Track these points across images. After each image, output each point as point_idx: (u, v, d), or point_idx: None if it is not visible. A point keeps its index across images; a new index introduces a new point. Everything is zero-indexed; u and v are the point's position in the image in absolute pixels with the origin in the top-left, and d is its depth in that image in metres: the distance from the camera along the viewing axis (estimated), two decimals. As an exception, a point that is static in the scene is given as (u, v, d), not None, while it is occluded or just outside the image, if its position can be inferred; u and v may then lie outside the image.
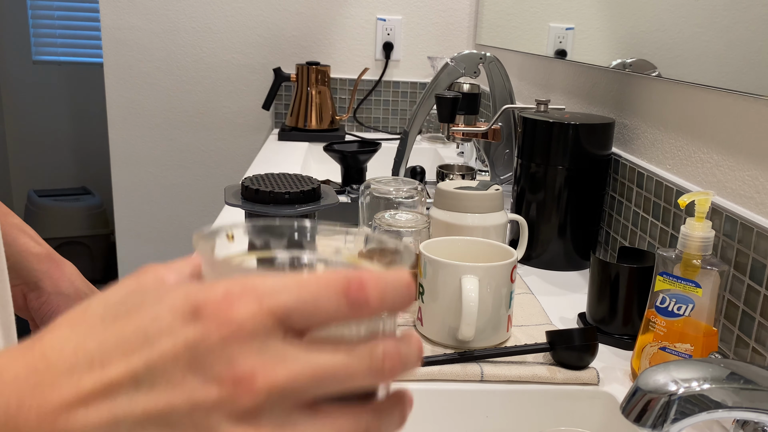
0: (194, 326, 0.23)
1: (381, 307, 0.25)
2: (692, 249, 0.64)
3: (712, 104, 0.80)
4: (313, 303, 0.24)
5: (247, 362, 0.23)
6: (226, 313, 0.23)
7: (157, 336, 0.23)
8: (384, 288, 0.25)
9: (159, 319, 0.24)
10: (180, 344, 0.23)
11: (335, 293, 0.24)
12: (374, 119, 2.20)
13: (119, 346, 0.24)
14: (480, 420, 0.70)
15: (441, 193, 0.93)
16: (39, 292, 0.58)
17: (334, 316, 0.24)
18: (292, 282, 0.24)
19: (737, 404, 0.43)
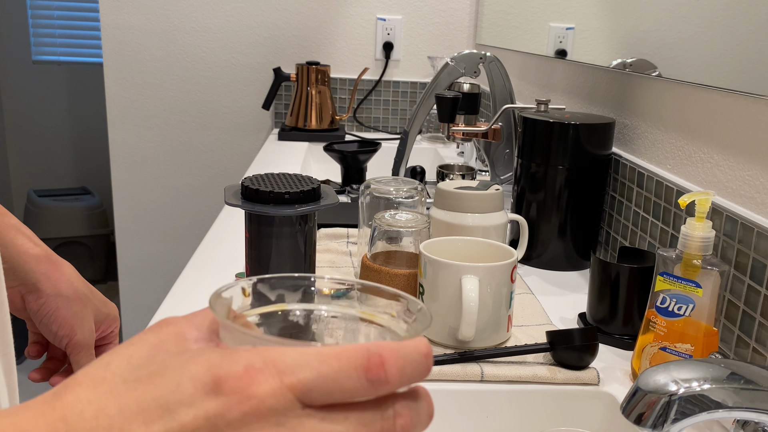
0: (215, 400, 0.24)
1: (400, 383, 0.25)
2: (692, 249, 0.64)
3: (712, 104, 0.80)
4: (333, 380, 0.24)
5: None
6: (246, 389, 0.24)
7: (178, 407, 0.24)
8: (404, 362, 0.25)
9: (180, 389, 0.24)
10: (201, 417, 0.24)
11: (355, 370, 0.24)
12: (374, 119, 2.20)
13: (140, 414, 0.24)
14: (480, 420, 0.70)
15: (441, 193, 0.93)
16: (38, 293, 0.58)
17: (353, 393, 0.24)
18: (312, 357, 0.24)
19: (737, 404, 0.43)
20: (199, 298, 0.87)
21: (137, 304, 2.31)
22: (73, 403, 0.24)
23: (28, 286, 0.57)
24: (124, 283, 2.30)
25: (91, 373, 0.26)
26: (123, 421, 0.24)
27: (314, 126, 2.00)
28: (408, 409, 0.26)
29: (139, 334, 0.28)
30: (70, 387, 0.25)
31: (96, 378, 0.25)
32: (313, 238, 0.76)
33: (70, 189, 3.60)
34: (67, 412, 0.24)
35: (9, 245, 0.56)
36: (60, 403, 0.25)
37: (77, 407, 0.24)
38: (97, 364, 0.26)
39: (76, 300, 0.59)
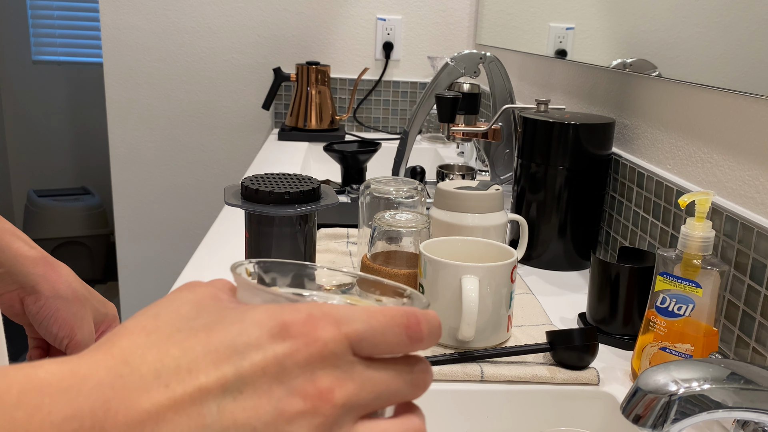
0: (283, 342, 0.25)
1: (429, 342, 0.28)
2: (692, 249, 0.64)
3: (712, 104, 0.80)
4: (381, 333, 0.27)
5: (327, 378, 0.25)
6: (311, 333, 0.25)
7: (246, 349, 0.25)
8: (430, 326, 0.28)
9: (246, 333, 0.25)
10: (270, 357, 0.25)
11: (398, 326, 0.27)
12: (374, 119, 2.20)
13: (207, 354, 0.25)
14: (480, 420, 0.70)
15: (441, 193, 0.93)
16: (36, 296, 0.58)
17: (395, 347, 0.27)
18: (362, 312, 0.27)
19: (737, 404, 0.43)
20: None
21: (137, 304, 2.31)
22: (131, 348, 0.25)
23: (27, 288, 0.57)
24: (124, 283, 2.30)
25: (141, 322, 0.26)
26: (190, 361, 0.24)
27: (314, 126, 2.00)
28: (428, 368, 0.29)
29: (173, 293, 0.28)
30: (122, 335, 0.26)
31: (148, 327, 0.26)
32: (313, 238, 0.76)
33: (70, 189, 3.60)
34: (128, 356, 0.24)
35: (5, 249, 0.56)
36: (116, 349, 0.25)
37: (137, 352, 0.25)
38: (144, 315, 0.27)
39: (74, 301, 0.59)
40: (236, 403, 0.24)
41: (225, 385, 0.24)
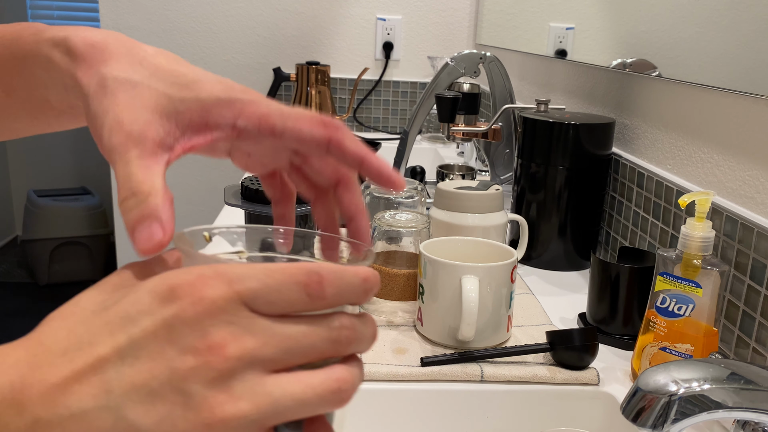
0: (171, 304, 0.26)
1: (337, 301, 0.28)
2: (692, 249, 0.64)
3: (712, 104, 0.80)
4: (277, 291, 0.27)
5: (218, 333, 0.26)
6: (198, 292, 0.26)
7: (138, 316, 0.26)
8: (340, 283, 0.28)
9: (139, 301, 0.27)
10: (158, 321, 0.26)
11: (296, 284, 0.27)
12: (374, 119, 2.20)
13: (105, 326, 0.27)
14: (480, 420, 0.70)
15: (441, 193, 0.93)
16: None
17: (294, 305, 0.27)
18: (259, 271, 0.27)
19: (737, 404, 0.43)
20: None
21: (137, 304, 2.31)
22: (47, 331, 0.28)
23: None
24: (124, 283, 2.30)
25: (61, 310, 0.29)
26: (91, 335, 0.27)
27: (314, 126, 2.00)
28: (352, 324, 0.28)
29: (103, 279, 0.30)
30: (44, 323, 0.28)
31: (65, 313, 0.28)
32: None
33: (70, 189, 3.60)
34: (42, 337, 0.27)
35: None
36: (35, 333, 0.28)
37: (50, 333, 0.27)
38: (67, 304, 0.29)
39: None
40: (133, 368, 0.26)
41: (121, 352, 0.26)
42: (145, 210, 0.30)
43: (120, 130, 0.32)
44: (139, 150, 0.31)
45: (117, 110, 0.32)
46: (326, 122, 0.35)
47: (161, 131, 0.32)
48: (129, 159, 0.31)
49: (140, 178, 0.31)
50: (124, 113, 0.32)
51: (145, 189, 0.30)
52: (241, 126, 0.34)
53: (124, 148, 0.31)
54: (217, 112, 0.34)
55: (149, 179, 0.31)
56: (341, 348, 0.28)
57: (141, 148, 0.31)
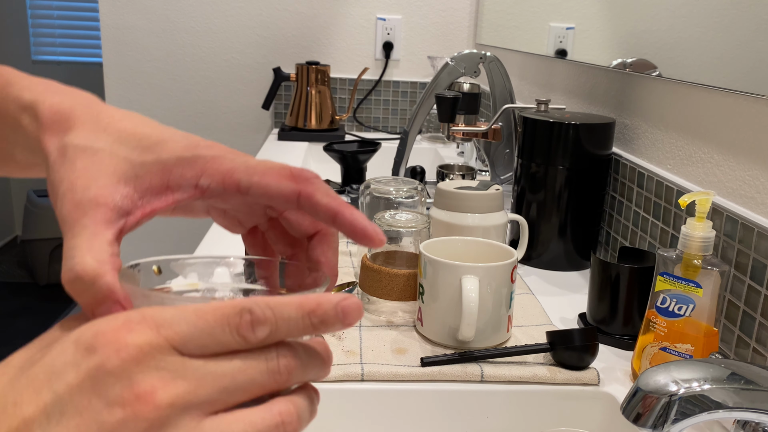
0: (95, 354, 0.25)
1: (275, 338, 0.27)
2: (693, 249, 0.64)
3: (712, 104, 0.80)
4: (208, 334, 0.26)
5: (146, 381, 0.24)
6: (122, 339, 0.25)
7: (62, 368, 0.25)
8: (276, 319, 0.26)
9: (63, 352, 0.25)
10: (83, 372, 0.25)
11: (228, 325, 0.26)
12: (374, 119, 2.20)
13: (30, 384, 0.25)
14: (480, 420, 0.69)
15: (441, 193, 0.93)
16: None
17: (227, 346, 0.26)
18: (190, 313, 0.26)
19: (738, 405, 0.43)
20: (199, 298, 0.87)
21: (137, 304, 2.31)
22: None
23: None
24: (124, 283, 2.30)
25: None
26: (16, 395, 0.25)
27: (314, 126, 2.00)
28: (292, 352, 0.27)
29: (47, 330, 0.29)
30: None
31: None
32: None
33: (70, 189, 3.60)
34: None
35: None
36: None
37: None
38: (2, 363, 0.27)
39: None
40: (60, 425, 0.24)
41: (46, 410, 0.24)
42: (98, 294, 0.29)
43: (71, 198, 0.30)
44: (88, 219, 0.30)
45: (72, 178, 0.31)
46: (295, 175, 0.33)
47: (117, 196, 0.31)
48: (75, 230, 0.30)
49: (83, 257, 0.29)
50: (78, 181, 0.31)
51: (89, 270, 0.28)
52: (205, 185, 0.33)
53: (73, 217, 0.30)
54: (178, 172, 0.33)
55: (92, 255, 0.29)
56: (282, 379, 0.27)
57: (91, 217, 0.30)
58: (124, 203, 0.31)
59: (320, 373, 0.28)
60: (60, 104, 0.34)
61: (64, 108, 0.34)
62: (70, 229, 0.30)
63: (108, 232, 0.30)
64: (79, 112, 0.34)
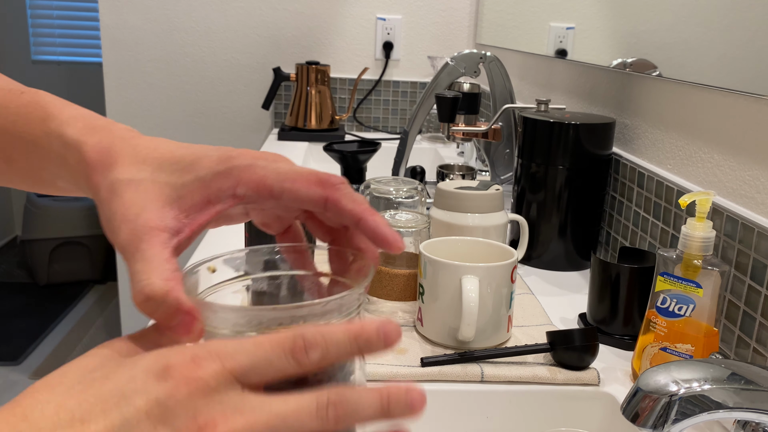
0: (165, 383, 0.27)
1: (325, 361, 0.29)
2: (693, 249, 0.64)
3: (713, 104, 0.80)
4: (266, 361, 0.28)
5: (209, 413, 0.27)
6: (192, 373, 0.27)
7: (131, 394, 0.26)
8: (326, 345, 0.29)
9: (134, 379, 0.27)
10: (152, 400, 0.26)
11: (283, 352, 0.28)
12: (374, 119, 2.20)
13: (98, 404, 0.26)
14: (480, 421, 0.69)
15: (441, 193, 0.93)
16: None
17: (284, 371, 0.29)
18: (249, 344, 0.28)
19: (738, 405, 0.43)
20: (199, 298, 0.87)
21: (137, 304, 2.31)
22: (32, 405, 0.26)
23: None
24: (124, 284, 2.30)
25: (47, 380, 0.28)
26: (83, 411, 0.26)
27: (314, 126, 2.00)
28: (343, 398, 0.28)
29: (94, 348, 0.30)
30: (27, 394, 0.27)
31: (52, 383, 0.28)
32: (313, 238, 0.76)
33: (70, 189, 3.59)
34: (28, 412, 0.26)
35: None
36: (19, 407, 0.26)
37: (37, 407, 0.26)
38: (54, 374, 0.28)
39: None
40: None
41: (113, 430, 0.26)
42: (169, 309, 0.31)
43: (126, 228, 0.33)
44: (145, 243, 0.33)
45: (122, 210, 0.34)
46: (323, 181, 0.36)
47: (166, 219, 0.34)
48: (137, 256, 0.32)
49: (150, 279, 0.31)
50: (129, 211, 0.34)
51: (157, 289, 0.31)
52: (241, 193, 0.35)
53: (132, 245, 0.33)
54: (215, 186, 0.35)
55: (158, 275, 0.31)
56: (328, 425, 0.28)
57: (147, 241, 0.33)
58: (173, 224, 0.34)
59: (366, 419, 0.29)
60: (100, 143, 0.37)
61: (104, 146, 0.37)
62: (132, 255, 0.33)
63: (165, 252, 0.33)
64: (119, 148, 0.37)
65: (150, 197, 0.34)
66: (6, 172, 0.43)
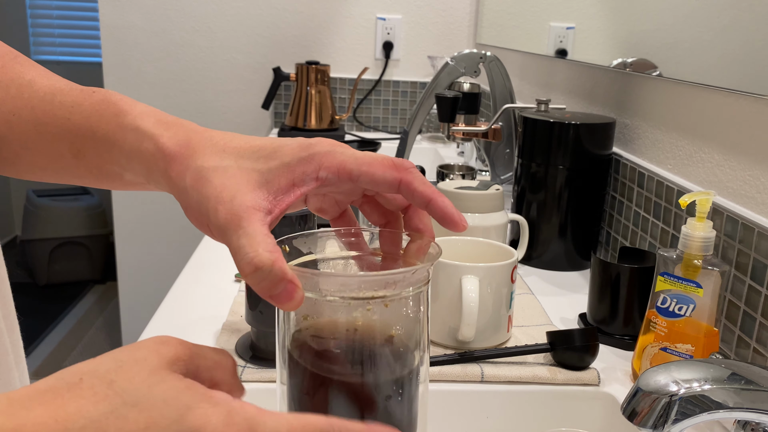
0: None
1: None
2: (693, 249, 0.64)
3: (713, 104, 0.80)
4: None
5: None
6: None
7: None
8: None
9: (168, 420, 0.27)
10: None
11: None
12: (374, 119, 2.20)
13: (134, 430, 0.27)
14: (480, 421, 0.69)
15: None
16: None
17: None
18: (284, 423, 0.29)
19: (738, 405, 0.43)
20: (198, 299, 0.87)
21: (136, 305, 2.31)
22: (74, 417, 0.27)
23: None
24: (124, 284, 2.30)
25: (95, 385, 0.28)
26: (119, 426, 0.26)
27: (314, 126, 2.00)
28: None
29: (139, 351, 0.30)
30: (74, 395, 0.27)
31: (99, 394, 0.28)
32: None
33: (69, 189, 3.60)
34: (69, 424, 0.26)
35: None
36: (62, 412, 0.27)
37: (78, 422, 0.26)
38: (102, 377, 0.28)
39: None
40: None
41: None
42: (274, 278, 0.33)
43: (223, 208, 0.36)
44: (245, 222, 0.35)
45: (216, 193, 0.37)
46: (397, 165, 0.39)
47: (258, 200, 0.36)
48: (239, 233, 0.35)
49: (257, 251, 0.34)
50: (223, 194, 0.36)
51: (265, 260, 0.33)
52: (323, 176, 0.38)
53: (233, 223, 0.35)
54: (300, 170, 0.38)
55: (263, 247, 0.34)
56: None
57: (247, 219, 0.35)
58: (265, 204, 0.37)
59: None
60: (176, 136, 0.40)
61: (181, 138, 0.40)
62: (234, 232, 0.35)
63: (264, 228, 0.35)
64: (196, 141, 0.40)
65: (241, 181, 0.37)
66: (74, 167, 0.45)
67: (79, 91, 0.45)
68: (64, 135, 0.44)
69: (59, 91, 0.45)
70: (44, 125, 0.44)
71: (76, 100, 0.44)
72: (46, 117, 0.44)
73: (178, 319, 0.82)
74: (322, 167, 0.38)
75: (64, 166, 0.45)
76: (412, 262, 0.40)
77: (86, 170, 0.45)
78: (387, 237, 0.43)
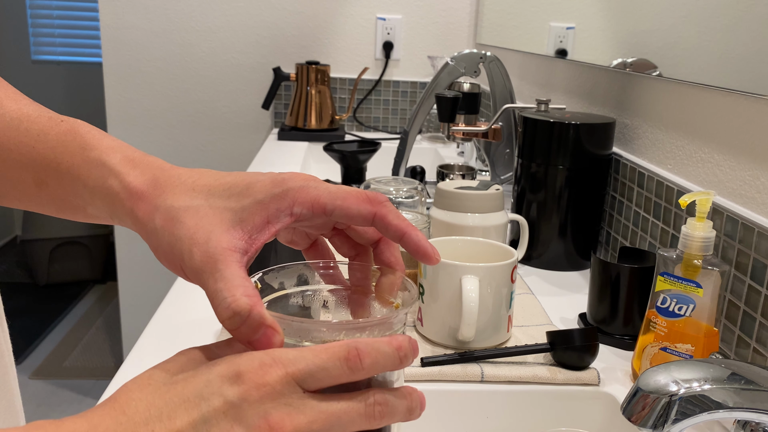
0: (238, 387, 0.31)
1: (374, 370, 0.33)
2: (693, 249, 0.64)
3: (713, 104, 0.80)
4: (323, 369, 0.32)
5: (277, 414, 0.31)
6: (261, 378, 0.31)
7: (210, 396, 0.31)
8: (376, 354, 0.33)
9: (211, 383, 0.31)
10: (228, 402, 0.31)
11: (338, 360, 0.32)
12: (374, 119, 2.20)
13: (182, 403, 0.31)
14: (480, 421, 0.69)
15: (441, 193, 0.93)
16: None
17: (339, 377, 0.33)
18: (308, 352, 0.33)
19: (738, 405, 0.43)
20: (198, 299, 0.87)
21: (136, 305, 2.31)
22: (127, 401, 0.31)
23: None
24: (124, 284, 2.30)
25: (138, 381, 0.33)
26: (170, 409, 0.31)
27: (314, 126, 2.00)
28: (386, 400, 0.34)
29: (174, 355, 0.35)
30: (122, 392, 0.32)
31: (142, 384, 0.32)
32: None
33: (70, 189, 3.59)
34: (125, 407, 0.31)
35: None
36: (117, 403, 0.32)
37: (131, 404, 0.31)
38: (142, 375, 0.33)
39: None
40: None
41: (195, 426, 0.30)
42: (253, 324, 0.34)
43: (198, 250, 0.36)
44: (221, 264, 0.35)
45: (189, 234, 0.36)
46: (371, 198, 0.39)
47: (234, 240, 0.36)
48: (216, 276, 0.35)
49: (235, 296, 0.34)
50: (197, 235, 0.36)
51: (243, 305, 0.34)
52: (297, 212, 0.38)
53: (208, 266, 0.35)
54: (274, 206, 0.38)
55: (241, 291, 0.34)
56: (374, 422, 0.33)
57: (223, 262, 0.35)
58: (241, 245, 0.37)
59: (404, 418, 0.34)
60: (143, 174, 0.40)
61: (148, 177, 0.39)
62: (210, 275, 0.35)
63: (241, 270, 0.36)
64: (164, 180, 0.39)
65: (214, 221, 0.37)
66: (36, 196, 0.44)
67: (47, 119, 0.44)
68: (28, 164, 0.43)
69: (26, 117, 0.44)
70: (8, 152, 0.43)
71: (43, 129, 0.43)
72: (10, 143, 0.43)
73: (178, 319, 0.82)
74: (296, 203, 0.38)
75: (26, 194, 0.45)
76: (385, 298, 0.41)
77: (49, 200, 0.44)
78: (357, 269, 0.43)
